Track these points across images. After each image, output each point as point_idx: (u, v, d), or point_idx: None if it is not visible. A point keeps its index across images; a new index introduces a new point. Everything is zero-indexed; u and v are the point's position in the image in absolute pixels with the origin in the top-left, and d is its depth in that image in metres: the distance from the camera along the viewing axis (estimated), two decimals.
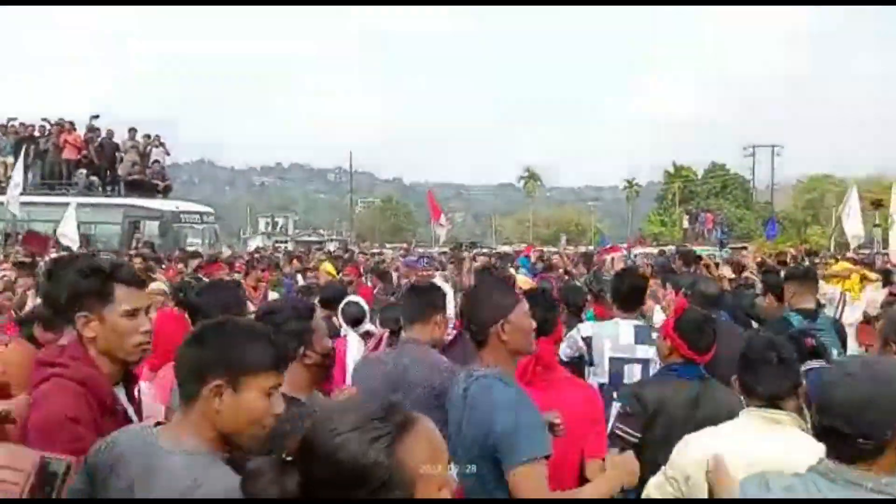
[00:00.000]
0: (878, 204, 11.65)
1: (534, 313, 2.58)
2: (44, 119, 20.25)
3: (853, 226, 14.83)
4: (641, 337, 3.94)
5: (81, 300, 2.15)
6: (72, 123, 19.88)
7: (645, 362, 3.83)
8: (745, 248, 16.68)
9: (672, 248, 21.27)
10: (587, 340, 4.01)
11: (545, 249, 20.25)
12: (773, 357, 2.51)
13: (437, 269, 10.12)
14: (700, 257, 9.68)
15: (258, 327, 1.88)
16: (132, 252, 13.54)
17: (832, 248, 22.11)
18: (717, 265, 9.55)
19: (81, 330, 2.15)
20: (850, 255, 12.67)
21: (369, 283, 9.30)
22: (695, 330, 3.11)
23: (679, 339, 3.08)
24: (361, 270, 10.82)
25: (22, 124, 20.02)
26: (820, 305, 5.07)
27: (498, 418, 2.28)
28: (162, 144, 20.76)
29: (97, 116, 20.23)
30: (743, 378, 2.57)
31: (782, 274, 5.38)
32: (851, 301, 6.49)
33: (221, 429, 1.71)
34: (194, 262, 10.16)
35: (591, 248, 21.95)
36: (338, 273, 9.72)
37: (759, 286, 6.53)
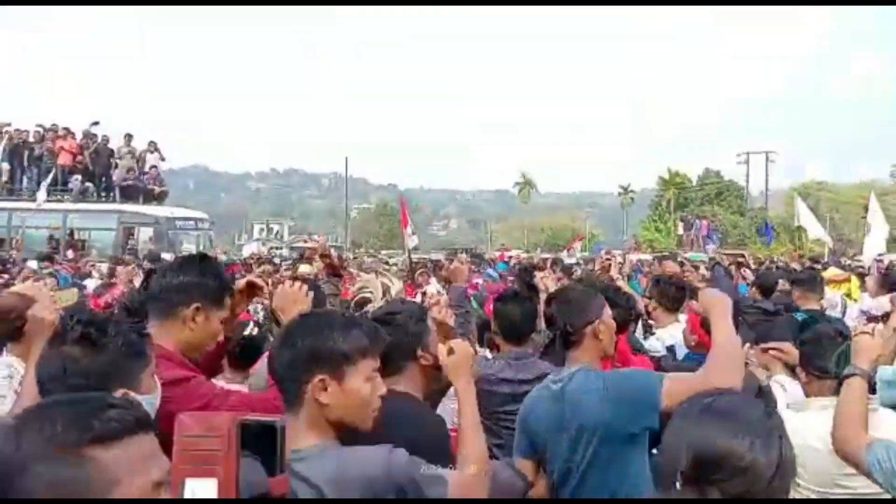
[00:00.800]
0: None
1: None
2: (38, 125, 20.21)
3: (814, 231, 15.52)
4: None
5: (197, 295, 2.22)
6: (67, 129, 19.84)
7: None
8: (742, 255, 16.72)
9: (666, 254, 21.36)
10: (671, 349, 4.20)
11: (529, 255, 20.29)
12: (837, 337, 2.73)
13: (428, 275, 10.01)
14: (682, 264, 9.75)
15: (346, 316, 1.92)
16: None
17: (826, 256, 22.18)
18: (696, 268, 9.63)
19: (188, 321, 2.21)
20: (844, 261, 12.75)
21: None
22: None
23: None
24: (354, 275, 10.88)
25: (17, 130, 19.97)
26: (823, 310, 5.27)
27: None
28: (157, 150, 20.76)
29: (97, 123, 20.23)
30: (811, 359, 2.77)
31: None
32: (850, 304, 6.64)
33: (334, 419, 1.77)
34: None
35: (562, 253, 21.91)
36: (317, 277, 9.65)
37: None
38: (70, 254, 15.74)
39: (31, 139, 19.97)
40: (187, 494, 1.22)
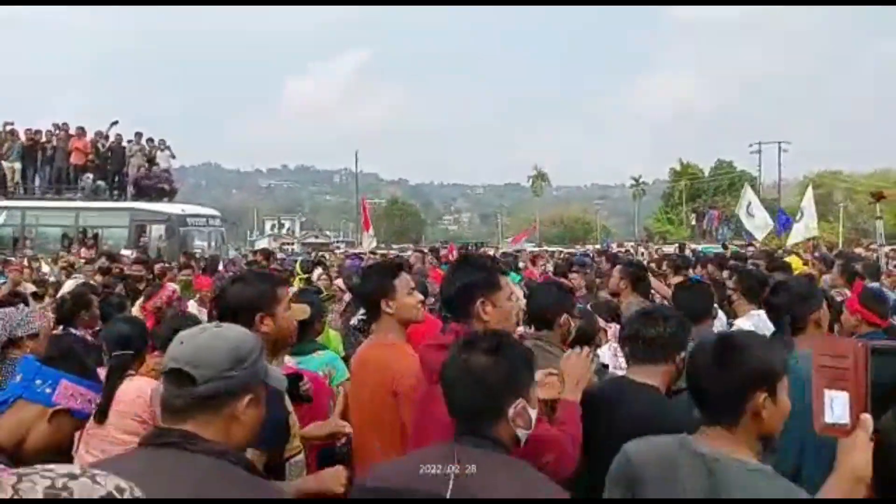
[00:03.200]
0: (879, 196, 11.55)
1: None
2: (53, 123, 20.33)
3: (760, 219, 16.26)
4: None
5: (477, 291, 2.46)
6: (81, 128, 19.94)
7: None
8: (751, 245, 16.62)
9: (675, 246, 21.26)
10: None
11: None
12: None
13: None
14: (617, 256, 9.80)
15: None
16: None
17: (840, 245, 22.00)
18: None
19: (480, 316, 2.43)
20: (859, 250, 12.71)
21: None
22: (876, 301, 3.75)
23: (866, 310, 3.67)
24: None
25: (29, 129, 20.11)
26: None
27: None
28: (168, 148, 20.82)
29: (116, 122, 20.28)
30: None
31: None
32: None
33: (765, 434, 1.88)
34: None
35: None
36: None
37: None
38: (83, 251, 15.83)
39: (43, 139, 20.10)
40: (826, 401, 1.52)
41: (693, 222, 39.75)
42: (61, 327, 4.38)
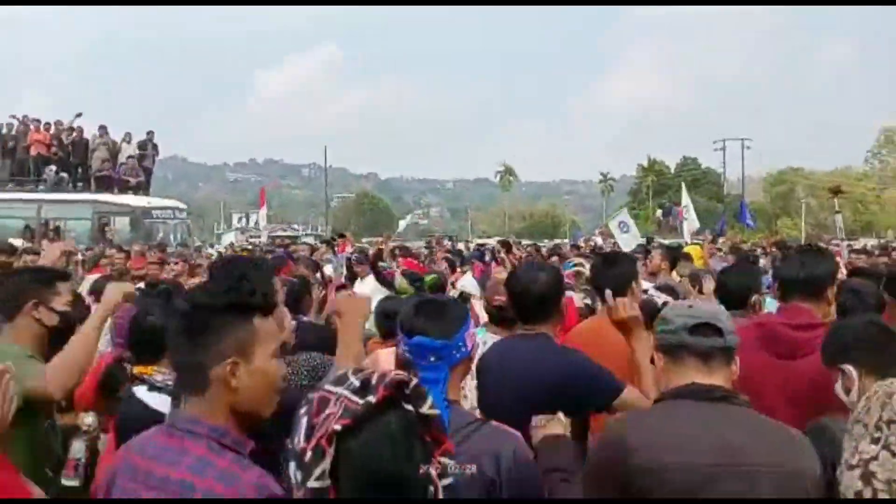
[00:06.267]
0: (837, 191, 11.80)
1: None
2: (12, 115, 19.94)
3: (631, 235, 17.63)
4: None
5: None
6: (38, 121, 19.57)
7: None
8: (713, 240, 16.92)
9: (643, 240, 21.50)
10: None
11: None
12: None
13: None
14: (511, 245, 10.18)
15: None
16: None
17: (803, 240, 22.40)
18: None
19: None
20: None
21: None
22: None
23: None
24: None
25: None
26: None
27: None
28: (131, 141, 20.45)
29: (80, 115, 19.95)
30: None
31: None
32: None
33: None
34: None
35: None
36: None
37: None
38: (45, 243, 15.53)
39: (3, 131, 19.70)
40: None
41: (660, 217, 40.18)
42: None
